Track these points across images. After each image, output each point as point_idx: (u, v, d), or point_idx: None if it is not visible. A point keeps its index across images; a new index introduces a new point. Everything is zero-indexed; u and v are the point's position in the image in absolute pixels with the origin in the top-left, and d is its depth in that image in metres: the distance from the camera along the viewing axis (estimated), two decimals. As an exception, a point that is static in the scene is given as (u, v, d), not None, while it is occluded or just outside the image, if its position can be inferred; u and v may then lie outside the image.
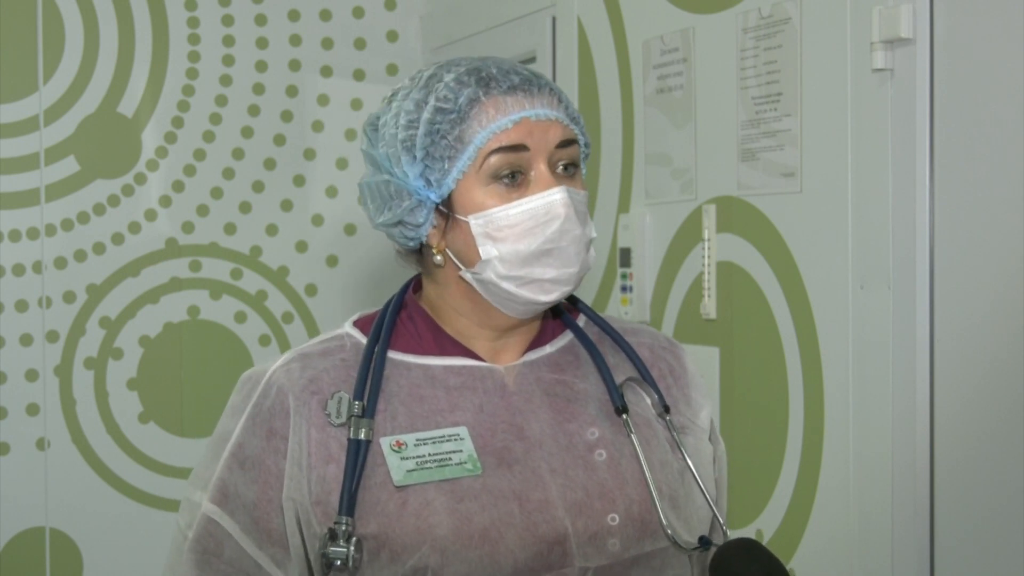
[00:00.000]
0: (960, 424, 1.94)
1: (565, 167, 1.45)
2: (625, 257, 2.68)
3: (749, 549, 1.40)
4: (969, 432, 1.93)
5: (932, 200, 1.96)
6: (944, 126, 1.94)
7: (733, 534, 1.49)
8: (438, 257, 1.47)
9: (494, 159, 1.41)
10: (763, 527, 2.31)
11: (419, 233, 1.46)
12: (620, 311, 2.69)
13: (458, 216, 1.43)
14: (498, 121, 1.41)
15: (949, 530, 1.96)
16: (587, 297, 2.85)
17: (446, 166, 1.42)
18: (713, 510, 1.50)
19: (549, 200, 1.41)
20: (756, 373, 2.33)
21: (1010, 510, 1.85)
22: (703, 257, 2.44)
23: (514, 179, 1.42)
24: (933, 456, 1.97)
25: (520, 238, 1.41)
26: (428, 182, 1.43)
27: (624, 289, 2.69)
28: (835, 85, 2.12)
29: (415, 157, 1.42)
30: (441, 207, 1.44)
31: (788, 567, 2.23)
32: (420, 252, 1.50)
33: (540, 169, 1.42)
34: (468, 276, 1.45)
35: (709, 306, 2.43)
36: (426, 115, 1.42)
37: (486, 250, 1.42)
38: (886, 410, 2.03)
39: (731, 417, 2.40)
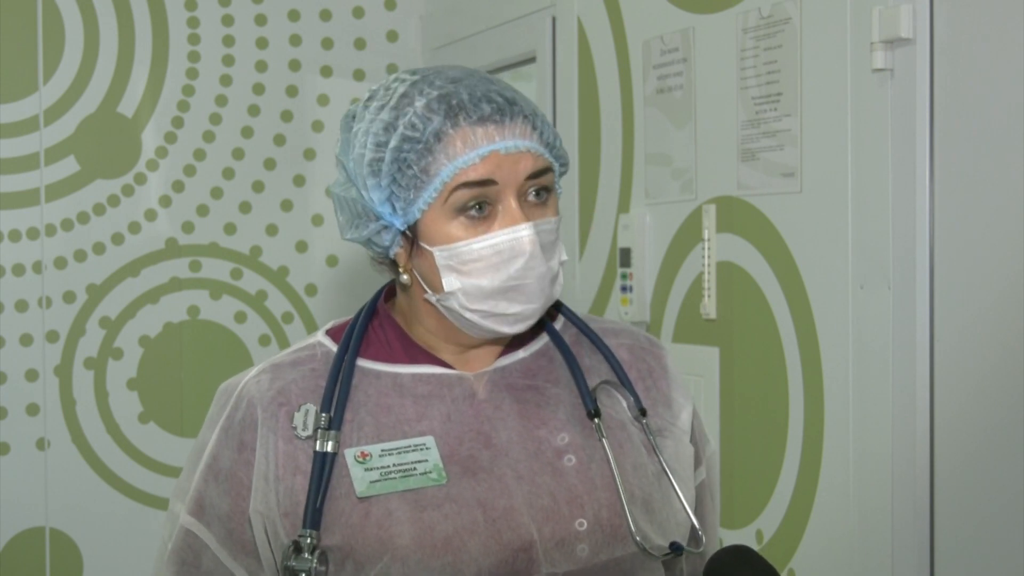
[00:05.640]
0: (960, 424, 1.94)
1: (537, 193, 1.42)
2: (625, 257, 2.68)
3: (742, 555, 1.40)
4: (969, 432, 1.93)
5: (932, 200, 1.96)
6: (944, 126, 1.94)
7: (733, 535, 1.49)
8: (404, 276, 1.46)
9: (460, 193, 1.38)
10: (763, 527, 2.31)
11: (387, 252, 1.46)
12: (620, 311, 2.69)
13: (423, 245, 1.41)
14: (465, 156, 1.37)
15: (949, 530, 1.96)
16: (587, 297, 2.85)
17: (411, 196, 1.39)
18: (688, 514, 1.49)
19: (515, 237, 1.39)
20: (756, 373, 2.33)
21: (1010, 510, 1.85)
22: (703, 257, 2.44)
23: (481, 211, 1.39)
24: (933, 456, 1.97)
25: (483, 273, 1.39)
26: (394, 208, 1.41)
27: (624, 289, 2.69)
28: (835, 85, 2.12)
29: (381, 183, 1.40)
30: (407, 232, 1.43)
31: (788, 567, 2.23)
32: (393, 261, 1.49)
33: (508, 203, 1.39)
34: (432, 299, 1.44)
35: (709, 306, 2.43)
36: (393, 142, 1.39)
37: (449, 282, 1.40)
38: (886, 410, 2.03)
39: (731, 417, 2.40)
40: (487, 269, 1.39)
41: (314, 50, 3.55)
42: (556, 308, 1.59)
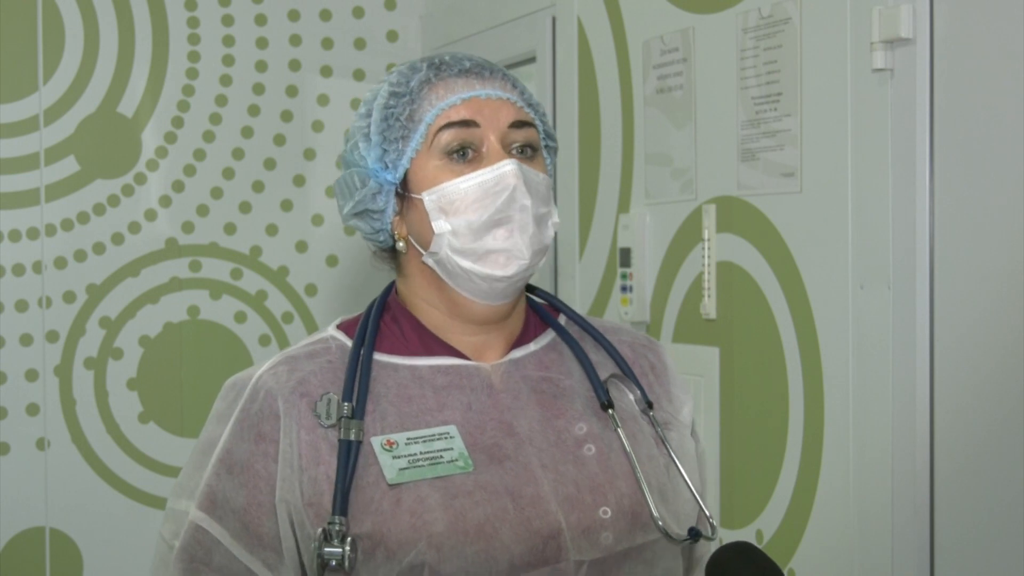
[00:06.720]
0: (960, 424, 1.94)
1: (521, 149, 1.47)
2: (625, 257, 2.68)
3: (745, 552, 1.40)
4: (969, 432, 1.93)
5: (932, 200, 1.96)
6: (944, 126, 1.94)
7: (733, 535, 1.50)
8: (400, 244, 1.49)
9: (444, 135, 1.45)
10: (763, 527, 2.31)
11: (383, 222, 1.49)
12: (620, 311, 2.69)
13: (413, 195, 1.46)
14: (448, 99, 1.45)
15: (949, 530, 1.96)
16: (587, 297, 2.86)
17: (400, 146, 1.46)
18: (699, 503, 1.52)
19: (500, 172, 1.43)
20: (756, 373, 2.33)
21: (1010, 510, 1.85)
22: (703, 257, 2.44)
23: (465, 155, 1.45)
24: (933, 456, 1.97)
25: (470, 209, 1.43)
26: (385, 165, 1.46)
27: (624, 289, 2.69)
28: (835, 85, 2.12)
29: (371, 141, 1.47)
30: (399, 189, 1.47)
31: (788, 567, 2.23)
32: (393, 251, 1.52)
33: (491, 142, 1.45)
34: (429, 261, 1.47)
35: (709, 306, 2.43)
36: (380, 100, 1.47)
37: (439, 225, 1.44)
38: (886, 410, 2.03)
39: (731, 417, 2.40)
40: (474, 203, 1.43)
41: (314, 50, 3.55)
42: (557, 308, 1.61)
